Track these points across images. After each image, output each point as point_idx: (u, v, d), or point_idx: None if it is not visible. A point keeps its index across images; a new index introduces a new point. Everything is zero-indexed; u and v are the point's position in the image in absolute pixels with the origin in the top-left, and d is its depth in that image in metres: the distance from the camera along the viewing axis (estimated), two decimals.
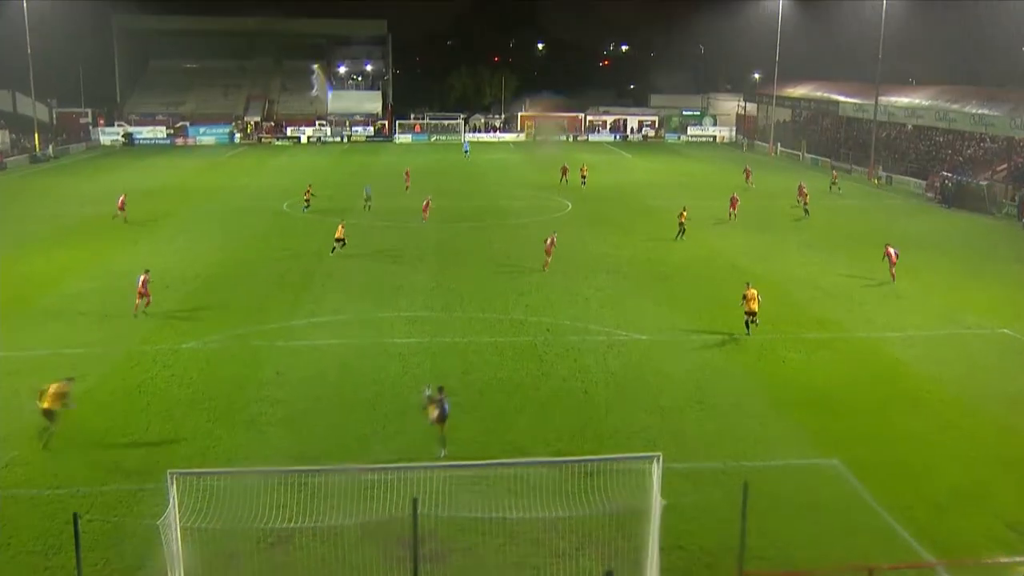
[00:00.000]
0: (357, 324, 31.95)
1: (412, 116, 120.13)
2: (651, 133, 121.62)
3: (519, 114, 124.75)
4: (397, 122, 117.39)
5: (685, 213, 48.36)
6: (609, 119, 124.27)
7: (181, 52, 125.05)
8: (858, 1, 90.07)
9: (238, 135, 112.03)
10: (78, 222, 52.37)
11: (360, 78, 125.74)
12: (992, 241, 50.44)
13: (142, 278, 32.60)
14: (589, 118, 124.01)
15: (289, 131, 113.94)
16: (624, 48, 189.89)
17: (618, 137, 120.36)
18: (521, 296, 35.74)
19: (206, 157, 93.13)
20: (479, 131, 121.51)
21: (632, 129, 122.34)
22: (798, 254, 44.96)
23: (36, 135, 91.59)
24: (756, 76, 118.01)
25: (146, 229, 49.99)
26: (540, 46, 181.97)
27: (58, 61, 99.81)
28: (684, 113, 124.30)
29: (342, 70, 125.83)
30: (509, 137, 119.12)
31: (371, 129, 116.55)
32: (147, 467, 20.39)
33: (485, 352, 28.87)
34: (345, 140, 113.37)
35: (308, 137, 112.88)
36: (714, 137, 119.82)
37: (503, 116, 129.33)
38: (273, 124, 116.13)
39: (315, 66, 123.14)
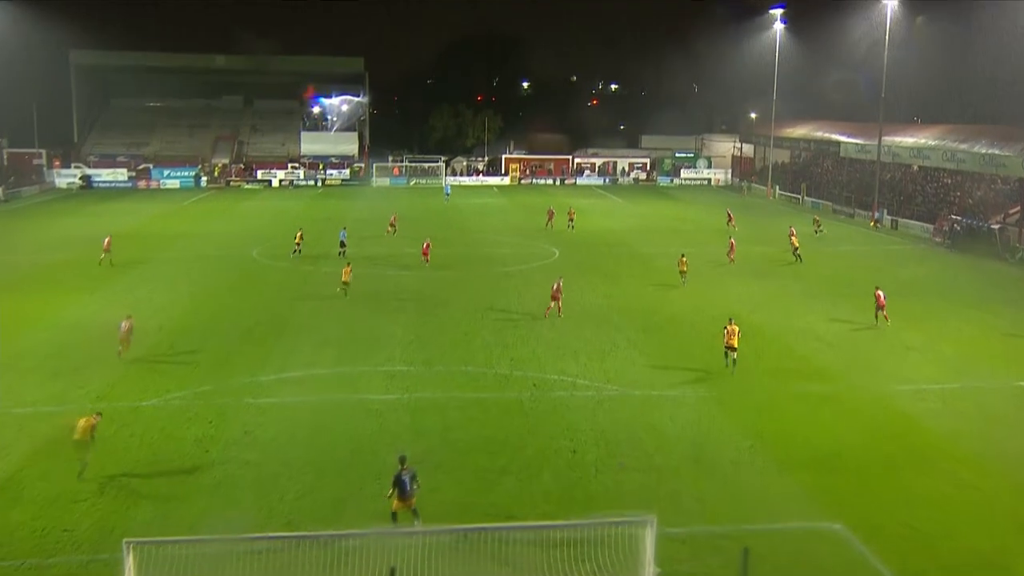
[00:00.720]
0: (331, 379, 31.84)
1: (390, 159, 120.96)
2: (642, 176, 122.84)
3: (503, 156, 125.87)
4: (374, 165, 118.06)
5: (685, 260, 49.19)
6: (598, 161, 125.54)
7: (144, 90, 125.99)
8: (860, 37, 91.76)
9: (205, 178, 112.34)
10: (30, 270, 52.15)
11: (335, 119, 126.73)
12: (1005, 288, 50.88)
13: (125, 324, 33.43)
14: (577, 160, 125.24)
15: (259, 174, 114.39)
16: (614, 87, 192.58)
17: (607, 180, 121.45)
18: (506, 349, 35.75)
19: (171, 201, 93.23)
20: (461, 174, 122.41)
21: (622, 172, 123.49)
22: (798, 303, 45.23)
23: None
24: (752, 115, 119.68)
25: (105, 278, 49.84)
26: (525, 85, 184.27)
27: (9, 98, 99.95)
28: (677, 155, 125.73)
29: (316, 110, 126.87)
30: (493, 180, 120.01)
31: (347, 172, 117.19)
32: (101, 536, 20.15)
33: (467, 409, 28.81)
34: (319, 184, 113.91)
35: (280, 181, 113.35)
36: (709, 180, 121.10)
37: (486, 159, 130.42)
38: (243, 167, 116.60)
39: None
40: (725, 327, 33.04)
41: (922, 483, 23.59)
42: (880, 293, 39.98)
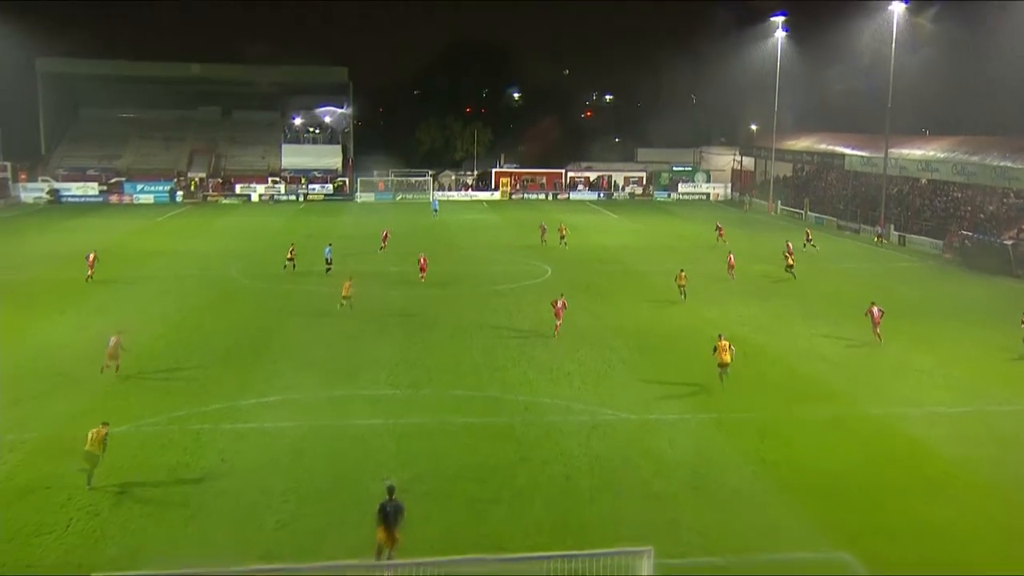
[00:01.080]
0: (312, 404, 31.75)
1: (375, 173, 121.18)
2: (638, 191, 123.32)
3: (493, 170, 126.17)
4: (359, 179, 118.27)
5: (684, 274, 49.93)
6: (592, 175, 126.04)
7: (116, 100, 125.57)
8: (865, 45, 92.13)
9: (180, 193, 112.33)
10: None
11: (318, 131, 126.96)
12: (1019, 306, 50.80)
13: (113, 340, 33.91)
14: (570, 174, 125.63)
15: (238, 188, 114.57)
16: (608, 98, 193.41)
17: (602, 195, 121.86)
18: (496, 371, 35.75)
19: (144, 217, 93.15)
20: (449, 189, 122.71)
21: (617, 186, 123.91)
22: (802, 322, 45.32)
23: None
24: (753, 127, 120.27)
25: (75, 298, 49.65)
26: (516, 96, 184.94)
27: None
28: (674, 168, 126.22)
29: (297, 122, 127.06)
30: (483, 195, 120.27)
31: (330, 187, 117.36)
32: (66, 572, 19.99)
33: (456, 434, 28.75)
34: (301, 199, 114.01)
35: (260, 195, 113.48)
36: (707, 194, 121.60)
37: (476, 172, 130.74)
38: (220, 181, 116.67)
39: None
40: (716, 344, 33.76)
41: (933, 511, 23.58)
42: (875, 310, 40.62)
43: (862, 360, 38.30)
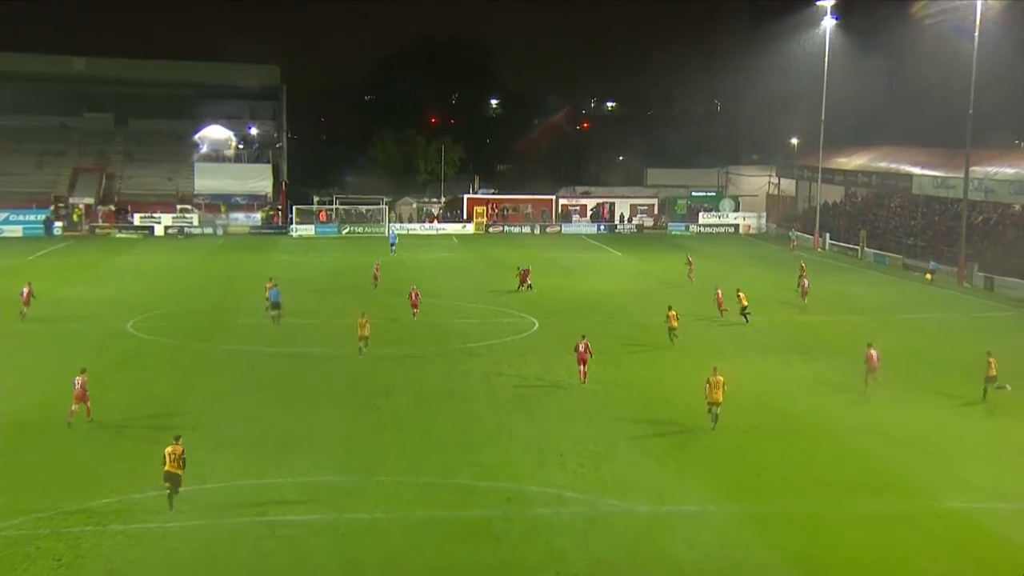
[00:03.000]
0: (231, 496, 31.49)
1: (315, 199, 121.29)
2: (648, 222, 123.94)
3: (465, 196, 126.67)
4: (294, 208, 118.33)
5: (674, 313, 52.68)
6: (590, 203, 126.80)
7: None
8: (937, 35, 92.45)
9: (59, 224, 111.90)
10: None
11: (241, 146, 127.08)
12: None
13: (79, 380, 37.68)
14: (562, 202, 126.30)
15: (137, 219, 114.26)
16: (610, 106, 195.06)
17: (603, 228, 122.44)
18: (470, 452, 35.67)
19: (10, 254, 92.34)
20: (410, 220, 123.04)
21: (622, 217, 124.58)
22: (858, 387, 45.27)
23: None
24: (793, 142, 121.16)
25: None
26: (494, 103, 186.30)
27: None
28: (694, 194, 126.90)
29: (215, 135, 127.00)
30: (452, 228, 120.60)
31: (257, 217, 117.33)
32: None
33: (418, 532, 28.64)
34: (219, 232, 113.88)
35: (166, 228, 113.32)
36: (736, 226, 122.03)
37: (443, 200, 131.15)
38: (113, 209, 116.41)
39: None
40: (708, 378, 36.88)
41: None
42: (873, 352, 43.37)
43: (938, 438, 38.27)
